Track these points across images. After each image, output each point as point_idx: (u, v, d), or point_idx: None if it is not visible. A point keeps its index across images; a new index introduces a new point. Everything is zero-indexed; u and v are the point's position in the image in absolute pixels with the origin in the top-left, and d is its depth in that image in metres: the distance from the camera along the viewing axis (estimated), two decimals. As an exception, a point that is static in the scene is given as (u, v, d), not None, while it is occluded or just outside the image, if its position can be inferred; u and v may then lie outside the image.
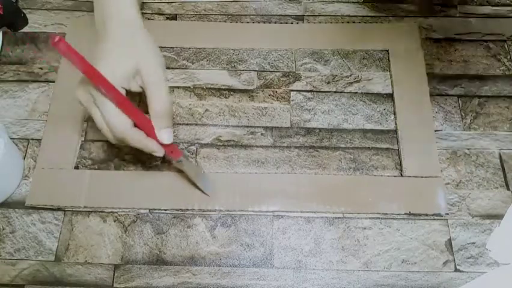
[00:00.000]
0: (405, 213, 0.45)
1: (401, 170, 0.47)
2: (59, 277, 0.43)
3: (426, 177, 0.47)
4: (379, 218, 0.46)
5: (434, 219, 0.45)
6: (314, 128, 0.50)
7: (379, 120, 0.51)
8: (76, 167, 0.48)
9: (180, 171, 0.46)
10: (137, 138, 0.40)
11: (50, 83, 0.53)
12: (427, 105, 0.50)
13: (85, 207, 0.46)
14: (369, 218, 0.46)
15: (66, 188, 0.46)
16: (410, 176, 0.47)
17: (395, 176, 0.47)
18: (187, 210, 0.46)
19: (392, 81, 0.52)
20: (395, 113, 0.51)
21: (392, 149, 0.49)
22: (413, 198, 0.46)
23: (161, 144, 0.40)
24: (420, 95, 0.51)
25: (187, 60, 0.54)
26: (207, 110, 0.51)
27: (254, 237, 0.45)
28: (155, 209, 0.46)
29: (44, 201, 0.46)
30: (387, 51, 0.54)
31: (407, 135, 0.49)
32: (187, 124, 0.50)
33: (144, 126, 0.40)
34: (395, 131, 0.50)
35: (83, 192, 0.46)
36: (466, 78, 0.53)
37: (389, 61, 0.53)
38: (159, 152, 0.41)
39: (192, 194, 0.46)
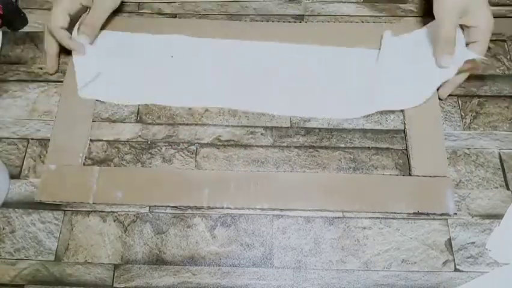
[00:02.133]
0: (413, 213, 0.45)
1: (409, 170, 0.47)
2: (59, 277, 0.43)
3: (434, 176, 0.47)
4: (379, 217, 0.46)
5: (434, 218, 0.45)
6: (314, 128, 0.50)
7: (379, 120, 0.51)
8: (84, 164, 0.48)
9: None
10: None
11: (50, 83, 0.53)
12: (435, 104, 0.50)
13: (93, 203, 0.46)
14: (369, 217, 0.46)
15: (75, 185, 0.47)
16: (418, 176, 0.47)
17: (403, 175, 0.47)
18: (195, 207, 0.46)
19: None
20: (403, 112, 0.51)
21: (392, 148, 0.49)
22: (421, 198, 0.46)
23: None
24: None
25: (187, 60, 0.54)
26: (207, 110, 0.51)
27: (254, 237, 0.45)
28: (163, 206, 0.46)
29: (53, 197, 0.46)
30: None
31: (415, 135, 0.49)
32: (187, 124, 0.50)
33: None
34: (404, 131, 0.50)
35: (92, 188, 0.46)
36: (465, 78, 0.52)
37: None
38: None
39: (200, 191, 0.46)
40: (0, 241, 0.45)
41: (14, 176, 0.48)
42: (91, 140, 0.50)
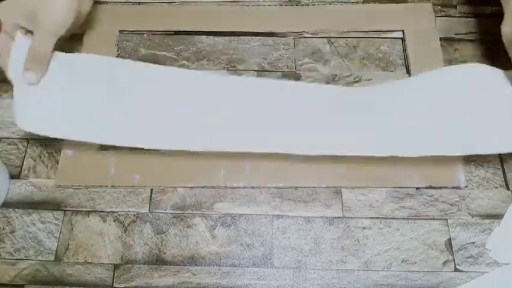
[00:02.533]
0: (425, 187, 0.46)
1: None
2: (59, 277, 0.43)
3: None
4: (379, 217, 0.46)
5: (434, 218, 0.45)
6: (314, 128, 0.50)
7: (379, 120, 0.50)
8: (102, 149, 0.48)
9: None
10: None
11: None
12: None
13: (112, 186, 0.47)
14: (369, 217, 0.46)
15: (92, 169, 0.47)
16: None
17: None
18: (213, 187, 0.47)
19: (407, 59, 0.53)
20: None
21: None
22: (433, 172, 0.46)
23: None
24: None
25: (187, 60, 0.54)
26: (206, 109, 0.51)
27: (254, 237, 0.45)
28: (182, 187, 0.47)
29: (71, 181, 0.47)
30: (403, 31, 0.55)
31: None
32: (187, 124, 0.50)
33: None
34: None
35: (110, 172, 0.47)
36: (465, 78, 0.52)
37: (404, 42, 0.54)
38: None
39: (217, 172, 0.47)
40: (0, 241, 0.45)
41: (14, 176, 0.48)
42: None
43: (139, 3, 0.58)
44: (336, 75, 0.53)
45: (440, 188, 0.46)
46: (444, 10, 0.57)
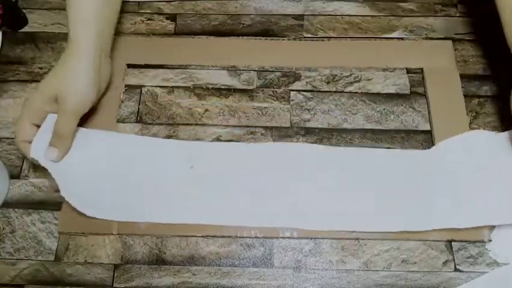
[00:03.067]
0: (447, 240, 0.44)
1: None
2: (59, 277, 0.43)
3: None
4: (379, 217, 0.46)
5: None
6: (314, 128, 0.50)
7: (379, 120, 0.51)
8: None
9: None
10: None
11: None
12: (463, 113, 0.50)
13: (118, 234, 0.45)
14: (369, 217, 0.46)
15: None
16: None
17: None
18: (223, 237, 0.45)
19: (428, 104, 0.51)
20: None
21: (393, 148, 0.49)
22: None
23: None
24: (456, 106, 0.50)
25: (187, 60, 0.54)
26: (206, 110, 0.51)
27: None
28: (188, 236, 0.45)
29: (75, 228, 0.45)
30: (422, 69, 0.53)
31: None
32: (187, 124, 0.50)
33: None
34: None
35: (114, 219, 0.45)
36: (465, 78, 0.52)
37: (423, 80, 0.52)
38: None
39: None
40: (0, 241, 0.45)
41: (14, 176, 0.48)
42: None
43: (148, 35, 0.56)
44: (336, 75, 0.53)
45: (461, 241, 0.44)
46: (445, 9, 0.57)
